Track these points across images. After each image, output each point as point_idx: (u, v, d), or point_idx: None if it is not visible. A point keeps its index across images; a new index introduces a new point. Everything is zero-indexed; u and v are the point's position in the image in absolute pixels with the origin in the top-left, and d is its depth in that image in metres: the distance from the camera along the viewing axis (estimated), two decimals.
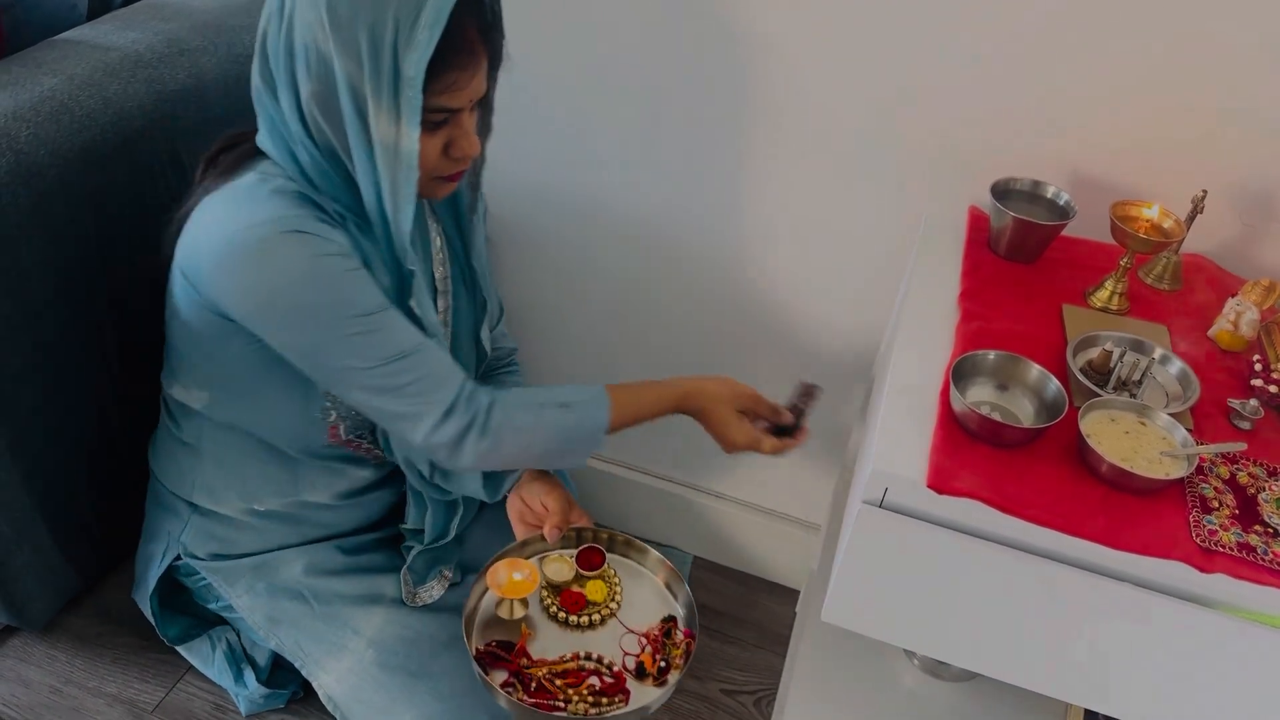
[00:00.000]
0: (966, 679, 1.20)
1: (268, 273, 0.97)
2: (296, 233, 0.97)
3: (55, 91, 1.26)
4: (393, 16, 0.90)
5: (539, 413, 1.08)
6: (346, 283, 0.99)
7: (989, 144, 1.17)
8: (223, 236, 0.98)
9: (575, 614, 1.11)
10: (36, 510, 1.36)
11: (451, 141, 1.02)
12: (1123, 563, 0.81)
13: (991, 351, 0.91)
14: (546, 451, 1.10)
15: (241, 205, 0.99)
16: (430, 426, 1.02)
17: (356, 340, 0.99)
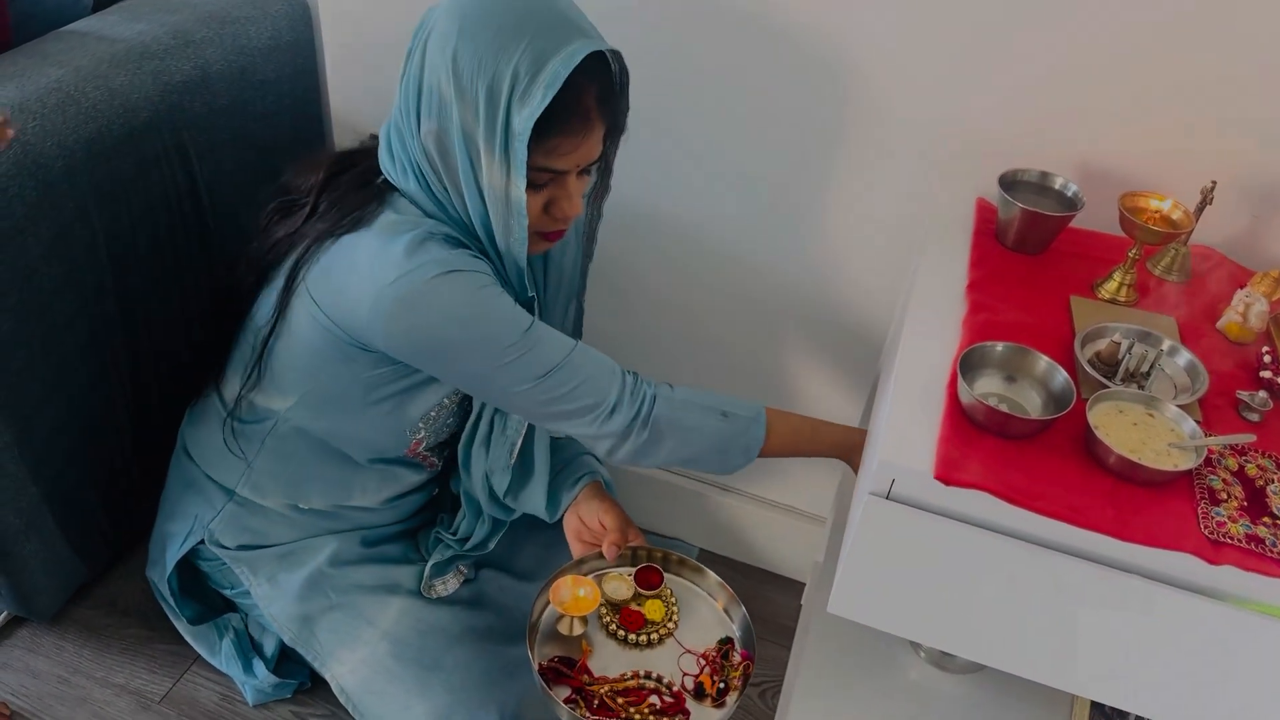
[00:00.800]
0: (972, 671, 1.20)
1: (433, 317, 1.00)
2: (454, 272, 1.00)
3: (61, 83, 1.26)
4: (512, 71, 0.93)
5: (700, 415, 1.10)
6: (501, 311, 1.02)
7: (997, 136, 1.17)
8: (383, 282, 0.99)
9: (634, 632, 1.12)
10: (44, 501, 1.36)
11: (553, 201, 1.04)
12: (1130, 554, 0.81)
13: (999, 343, 0.91)
14: (698, 455, 1.11)
15: (393, 250, 1.00)
16: (600, 422, 1.05)
17: (514, 365, 1.02)
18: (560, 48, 0.94)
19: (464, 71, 0.94)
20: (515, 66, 0.93)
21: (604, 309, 1.55)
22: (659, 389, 1.09)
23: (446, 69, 0.95)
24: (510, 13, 0.95)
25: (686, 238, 1.42)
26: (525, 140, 0.94)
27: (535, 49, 0.93)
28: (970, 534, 0.85)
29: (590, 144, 1.01)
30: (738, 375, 1.53)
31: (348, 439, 1.21)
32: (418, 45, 0.99)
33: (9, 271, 1.19)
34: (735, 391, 1.53)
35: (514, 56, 0.93)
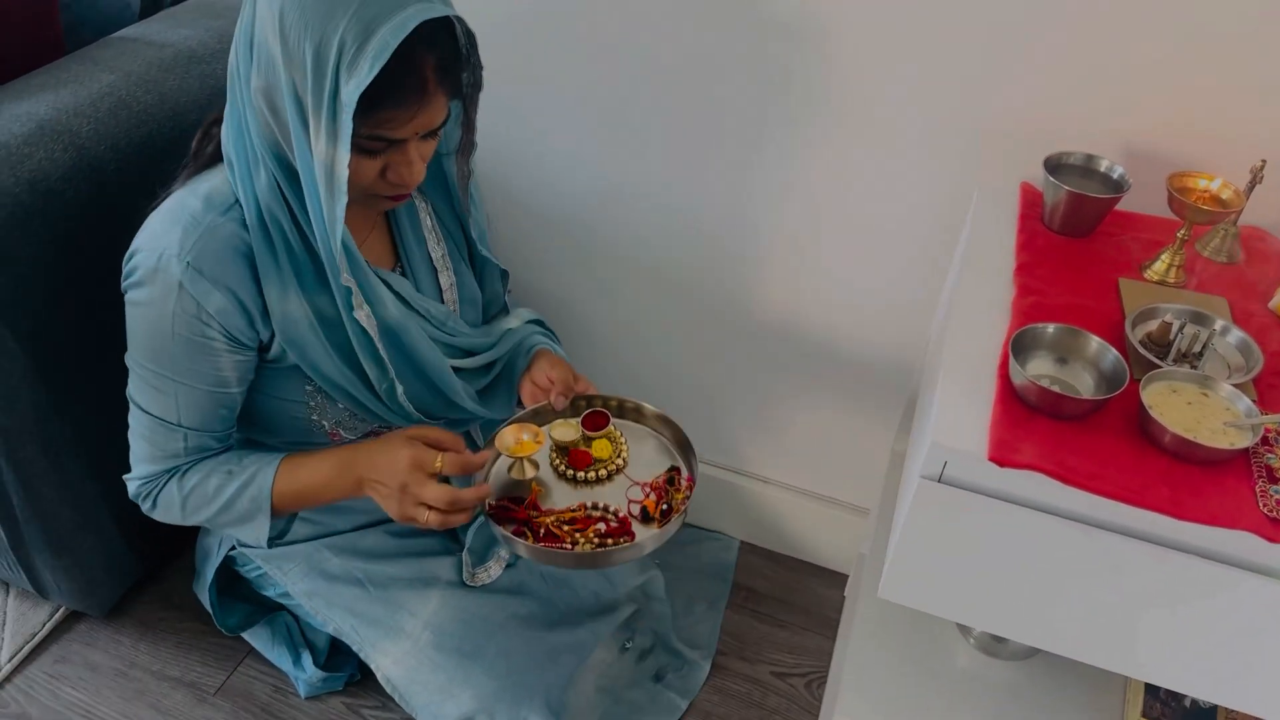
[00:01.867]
0: (1024, 656, 1.19)
1: (136, 293, 1.03)
2: (178, 285, 0.99)
3: (114, 88, 1.29)
4: (339, 38, 0.88)
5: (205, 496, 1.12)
6: (176, 343, 1.02)
7: (1041, 118, 1.16)
8: (134, 245, 1.03)
9: (582, 470, 1.14)
10: (101, 499, 1.39)
11: (389, 166, 0.99)
12: (1188, 534, 0.81)
13: (1050, 324, 0.91)
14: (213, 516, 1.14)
15: (163, 222, 1.01)
16: (131, 472, 1.13)
17: (142, 375, 1.06)
18: (391, 14, 0.88)
19: (290, 32, 0.89)
20: (342, 33, 0.88)
21: (635, 309, 1.56)
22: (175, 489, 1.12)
23: (274, 25, 0.90)
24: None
25: (722, 227, 1.42)
26: (351, 112, 0.89)
27: (365, 15, 0.88)
28: (1025, 515, 0.85)
29: (429, 113, 0.96)
30: (775, 366, 1.54)
31: (276, 434, 1.19)
32: (246, 5, 0.95)
33: (68, 271, 1.22)
34: (776, 383, 1.55)
35: (341, 21, 0.88)
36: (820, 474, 1.65)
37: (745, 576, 1.70)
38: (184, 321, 1.01)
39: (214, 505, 1.12)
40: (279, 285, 1.03)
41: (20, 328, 1.19)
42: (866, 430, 1.54)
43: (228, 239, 1.00)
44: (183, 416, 1.08)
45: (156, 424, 1.08)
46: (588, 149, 1.42)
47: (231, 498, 1.11)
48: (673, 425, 1.19)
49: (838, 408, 1.55)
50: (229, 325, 1.03)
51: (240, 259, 1.01)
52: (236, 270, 1.01)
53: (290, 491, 1.12)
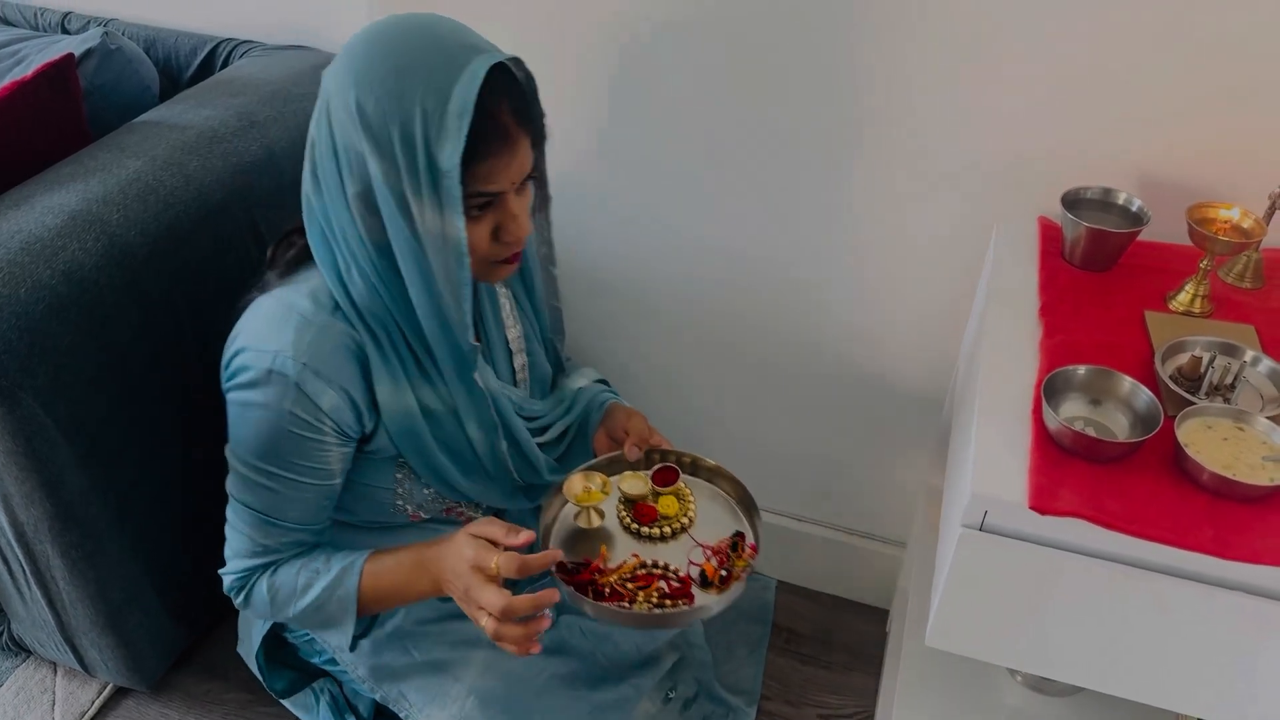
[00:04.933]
0: (1072, 693, 1.19)
1: (247, 394, 1.02)
2: (295, 387, 0.99)
3: (140, 173, 1.31)
4: (420, 109, 0.90)
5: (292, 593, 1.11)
6: (289, 441, 1.03)
7: (1056, 154, 1.17)
8: (240, 345, 1.03)
9: (647, 525, 1.12)
10: (144, 576, 1.41)
11: (500, 226, 1.00)
12: (1233, 572, 0.80)
13: (1081, 366, 0.91)
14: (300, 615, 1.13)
15: (271, 323, 1.01)
16: (228, 566, 1.13)
17: (246, 472, 1.06)
18: (460, 71, 0.90)
19: (373, 123, 0.91)
20: (422, 103, 0.90)
21: (657, 339, 1.57)
22: (265, 587, 1.12)
23: (354, 124, 0.91)
24: (399, 52, 0.92)
25: (741, 270, 1.44)
26: (457, 176, 0.91)
27: (436, 80, 0.90)
28: (1068, 560, 0.85)
29: (520, 158, 0.97)
30: (802, 402, 1.54)
31: (353, 514, 1.21)
32: (321, 114, 0.96)
33: (102, 355, 1.24)
34: (804, 419, 1.55)
35: (417, 93, 0.90)
36: (854, 509, 1.65)
37: (785, 618, 1.70)
38: (298, 421, 1.02)
39: (301, 602, 1.11)
40: (391, 381, 1.05)
41: (61, 416, 1.20)
42: (899, 462, 1.55)
43: (339, 338, 1.01)
44: (288, 511, 1.08)
45: (259, 519, 1.08)
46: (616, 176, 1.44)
47: (319, 598, 1.11)
48: (742, 488, 1.17)
49: (868, 441, 1.55)
50: (340, 421, 1.04)
51: (350, 357, 1.02)
52: (348, 369, 1.02)
53: (374, 594, 1.11)
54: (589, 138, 1.41)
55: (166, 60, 1.73)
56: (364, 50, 0.93)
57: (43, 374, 1.17)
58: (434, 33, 0.93)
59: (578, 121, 1.40)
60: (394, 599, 1.13)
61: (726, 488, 1.19)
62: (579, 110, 1.39)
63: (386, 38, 0.93)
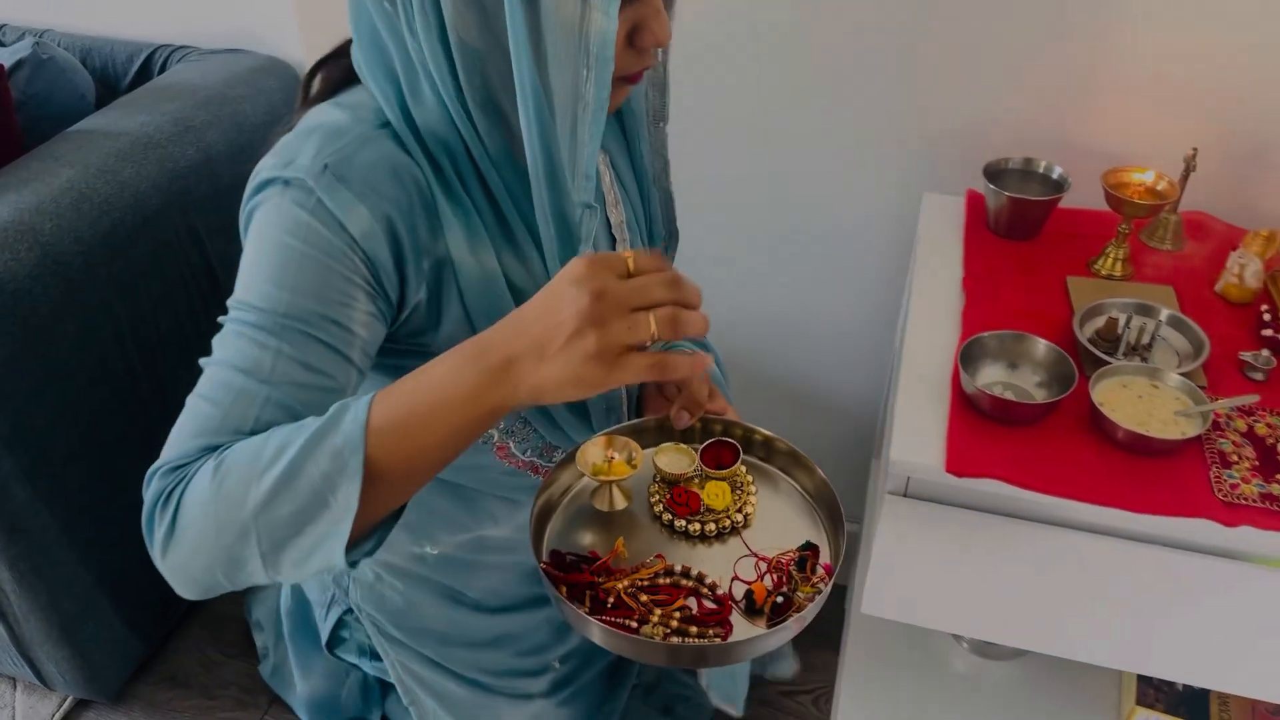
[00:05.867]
0: (1016, 656, 1.20)
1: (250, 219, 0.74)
2: (314, 197, 0.70)
3: (74, 182, 1.31)
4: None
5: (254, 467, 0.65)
6: (304, 266, 0.70)
7: (982, 125, 1.19)
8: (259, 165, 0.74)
9: (684, 518, 0.79)
10: (97, 586, 1.40)
11: (639, 25, 0.73)
12: (1148, 525, 0.82)
13: (997, 332, 0.93)
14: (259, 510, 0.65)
15: (299, 134, 0.74)
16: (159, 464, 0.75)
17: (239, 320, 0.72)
18: None
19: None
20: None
21: None
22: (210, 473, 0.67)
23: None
24: None
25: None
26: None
27: None
28: (990, 522, 0.87)
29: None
30: (750, 387, 1.55)
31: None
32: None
33: (41, 368, 1.24)
34: (755, 402, 1.56)
35: None
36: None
37: None
38: (317, 237, 0.70)
39: (269, 478, 0.64)
40: (466, 231, 0.76)
41: (2, 428, 1.20)
42: (852, 440, 1.56)
43: (386, 154, 0.73)
44: (275, 371, 0.69)
45: (236, 378, 0.69)
46: None
47: (296, 460, 0.64)
48: (825, 485, 0.81)
49: (819, 420, 1.56)
50: (375, 258, 0.72)
51: (400, 182, 0.74)
52: (394, 191, 0.73)
53: (397, 420, 0.64)
54: None
55: (103, 68, 1.72)
56: None
57: None
58: None
59: None
60: (430, 430, 0.65)
61: (804, 481, 0.83)
62: None
63: None
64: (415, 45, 0.71)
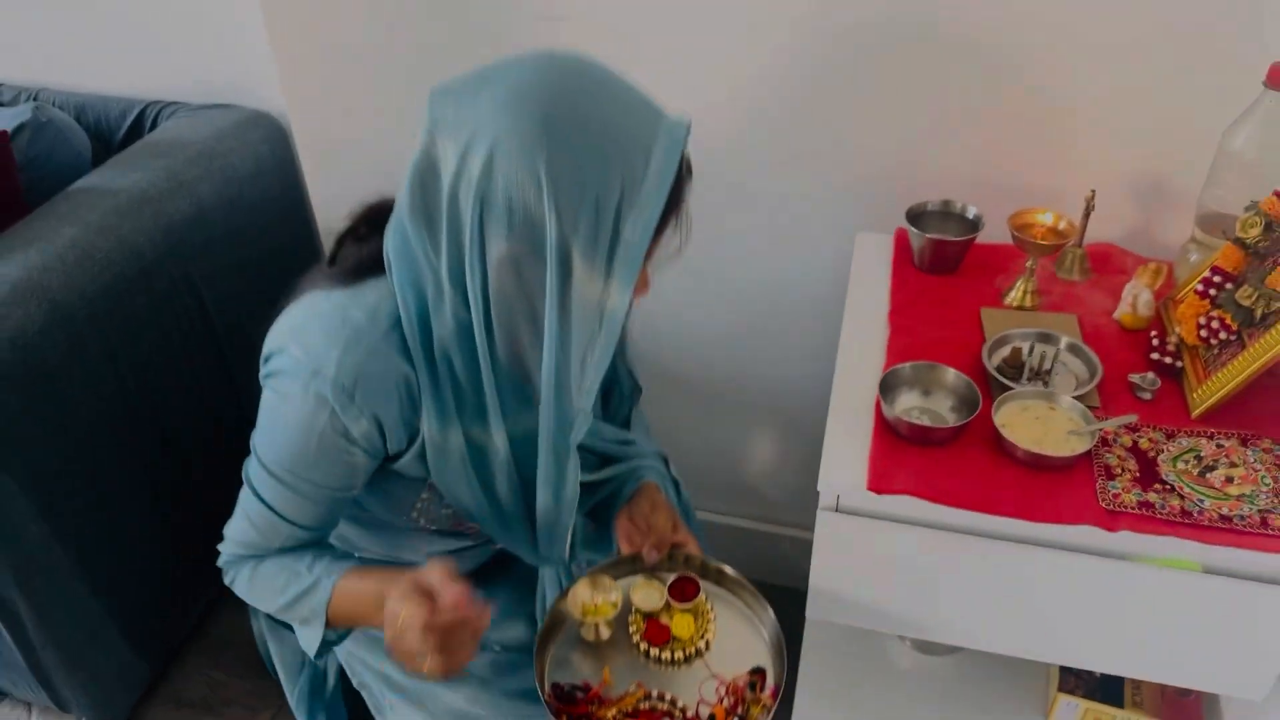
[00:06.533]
0: (955, 652, 1.32)
1: (281, 396, 0.96)
2: (330, 408, 0.92)
3: (76, 240, 1.41)
4: (620, 178, 0.83)
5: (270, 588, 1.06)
6: (318, 453, 0.96)
7: (909, 170, 1.31)
8: (283, 342, 0.95)
9: (657, 647, 1.01)
10: (105, 614, 1.50)
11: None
12: (1045, 532, 0.94)
13: (909, 363, 1.04)
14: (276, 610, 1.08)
15: (321, 330, 0.92)
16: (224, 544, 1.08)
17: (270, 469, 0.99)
18: (654, 139, 0.84)
19: (563, 184, 0.81)
20: (622, 172, 0.83)
21: None
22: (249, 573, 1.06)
23: (538, 183, 0.81)
24: (591, 114, 0.83)
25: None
26: (644, 249, 0.85)
27: (636, 149, 0.83)
28: (910, 533, 0.98)
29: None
30: (704, 414, 1.66)
31: (362, 508, 1.16)
32: (461, 156, 0.84)
33: (52, 415, 1.34)
34: (708, 425, 1.67)
35: (618, 163, 0.82)
36: (773, 503, 1.77)
37: None
38: (329, 438, 0.95)
39: (279, 599, 1.06)
40: (440, 419, 0.97)
41: (17, 471, 1.30)
42: (804, 455, 1.67)
43: (387, 366, 0.93)
44: (302, 515, 1.02)
45: (271, 516, 1.01)
46: None
47: (292, 600, 1.05)
48: (770, 612, 1.04)
49: (771, 437, 1.67)
50: (370, 445, 0.97)
51: (395, 390, 0.95)
52: (388, 399, 0.94)
53: (340, 613, 1.05)
54: None
55: (97, 124, 1.83)
56: (545, 105, 0.82)
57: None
58: (617, 90, 0.86)
59: None
60: (358, 622, 1.06)
61: (753, 606, 1.06)
62: None
63: (569, 93, 0.83)
64: (446, 284, 0.89)
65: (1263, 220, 1.01)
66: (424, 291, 0.91)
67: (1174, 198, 1.22)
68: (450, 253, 0.88)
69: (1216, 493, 0.93)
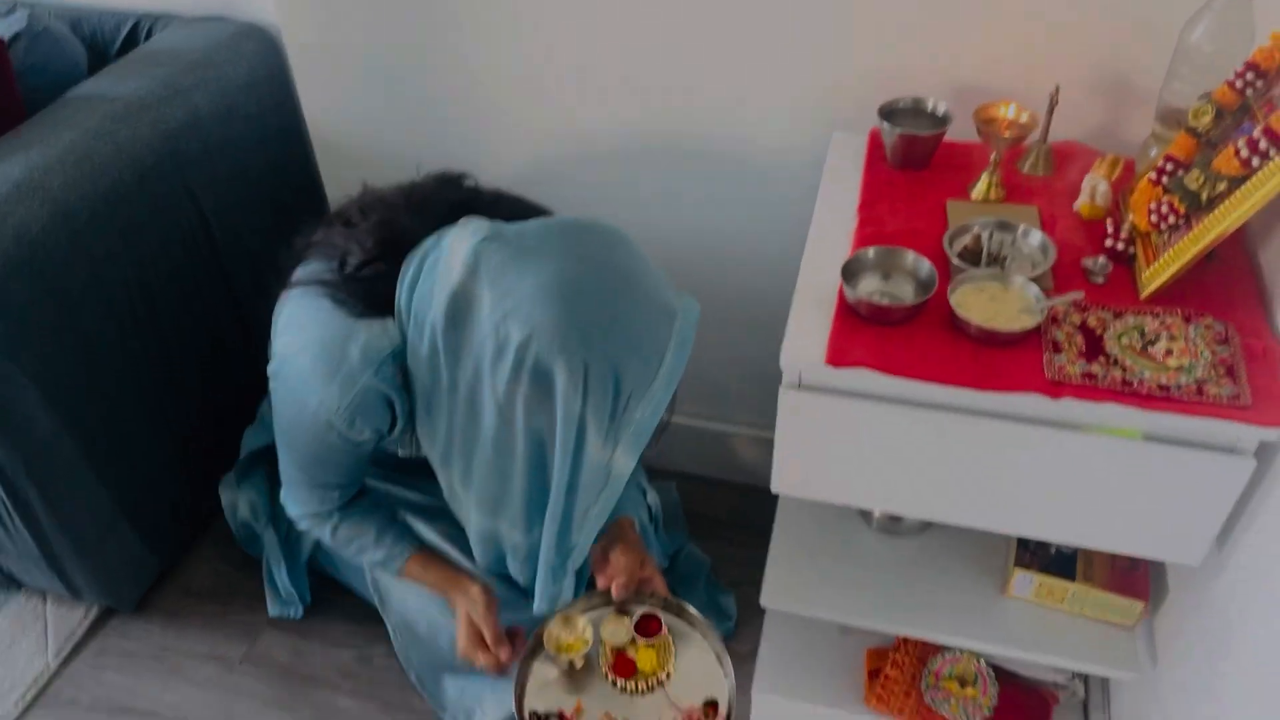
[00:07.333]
0: (919, 533, 1.38)
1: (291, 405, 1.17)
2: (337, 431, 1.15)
3: (75, 143, 1.46)
4: (638, 376, 1.02)
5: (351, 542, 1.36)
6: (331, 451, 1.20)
7: (883, 70, 1.34)
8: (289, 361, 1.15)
9: (623, 678, 1.19)
10: (114, 504, 1.58)
11: None
12: (992, 403, 0.99)
13: (874, 248, 1.09)
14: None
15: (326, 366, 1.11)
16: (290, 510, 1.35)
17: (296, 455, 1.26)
18: (669, 339, 1.04)
19: (595, 382, 1.00)
20: (642, 370, 1.02)
21: None
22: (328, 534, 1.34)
23: (557, 335, 0.99)
24: (623, 306, 1.02)
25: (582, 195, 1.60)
26: (652, 427, 1.05)
27: (650, 342, 1.03)
28: (867, 407, 1.04)
29: None
30: None
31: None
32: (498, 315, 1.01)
33: (58, 310, 1.40)
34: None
35: (639, 364, 1.02)
36: (750, 406, 1.83)
37: (697, 504, 1.87)
38: (338, 445, 1.18)
39: (357, 560, 1.41)
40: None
41: (25, 364, 1.36)
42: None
43: (378, 398, 1.13)
44: (330, 477, 1.27)
45: (309, 483, 1.28)
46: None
47: (370, 562, 1.40)
48: (721, 644, 1.22)
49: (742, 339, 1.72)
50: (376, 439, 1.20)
51: (387, 409, 1.16)
52: (384, 416, 1.16)
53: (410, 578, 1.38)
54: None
55: (93, 36, 1.86)
56: (584, 313, 1.00)
57: (4, 327, 1.33)
58: (643, 290, 1.04)
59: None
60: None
61: (710, 640, 1.24)
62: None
63: (605, 298, 1.01)
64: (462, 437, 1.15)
65: (1213, 109, 1.05)
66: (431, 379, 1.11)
67: (1136, 95, 1.26)
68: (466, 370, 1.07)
69: (1157, 364, 0.98)
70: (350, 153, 1.71)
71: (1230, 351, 0.99)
